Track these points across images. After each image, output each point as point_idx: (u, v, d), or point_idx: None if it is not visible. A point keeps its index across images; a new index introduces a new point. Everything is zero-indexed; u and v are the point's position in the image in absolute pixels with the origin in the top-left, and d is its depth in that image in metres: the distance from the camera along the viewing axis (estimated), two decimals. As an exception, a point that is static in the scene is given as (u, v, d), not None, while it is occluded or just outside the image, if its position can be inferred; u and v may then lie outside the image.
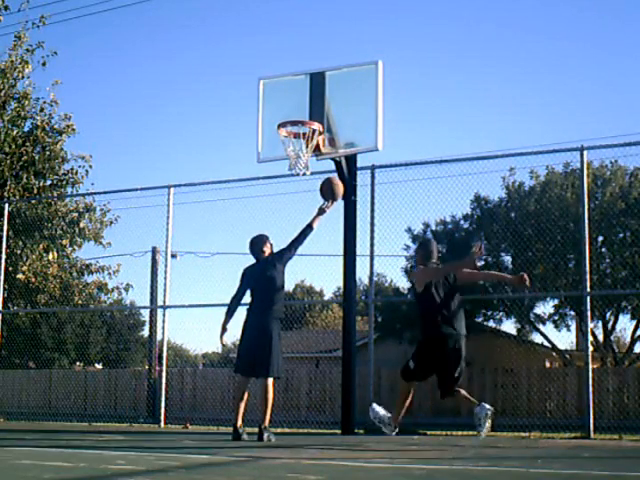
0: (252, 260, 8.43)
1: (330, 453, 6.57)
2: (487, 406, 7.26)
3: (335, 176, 9.18)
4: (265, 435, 7.91)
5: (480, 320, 23.74)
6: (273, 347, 7.96)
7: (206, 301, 11.85)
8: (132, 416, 15.76)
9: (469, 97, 77.42)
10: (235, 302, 8.41)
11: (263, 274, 8.19)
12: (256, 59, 76.86)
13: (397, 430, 7.87)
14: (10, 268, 16.05)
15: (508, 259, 21.93)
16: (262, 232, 8.51)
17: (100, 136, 71.11)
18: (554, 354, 24.78)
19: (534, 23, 71.03)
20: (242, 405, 8.13)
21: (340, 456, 6.23)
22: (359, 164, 9.92)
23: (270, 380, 7.96)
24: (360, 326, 14.06)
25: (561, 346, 24.78)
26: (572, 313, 22.75)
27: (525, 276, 7.44)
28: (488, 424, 7.18)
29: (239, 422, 8.09)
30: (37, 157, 17.87)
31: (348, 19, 77.04)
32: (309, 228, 8.36)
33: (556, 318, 23.13)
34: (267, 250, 8.38)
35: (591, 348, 9.70)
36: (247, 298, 8.39)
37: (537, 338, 24.33)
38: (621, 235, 20.66)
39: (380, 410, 7.90)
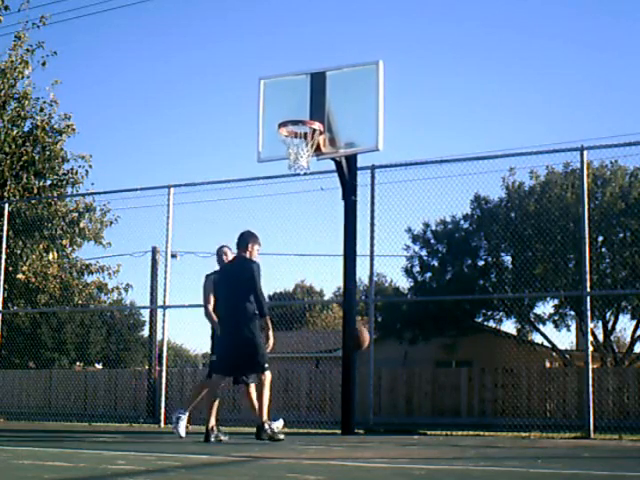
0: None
1: (330, 453, 6.56)
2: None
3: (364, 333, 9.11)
4: (267, 428, 7.73)
5: (480, 320, 23.73)
6: (257, 343, 7.81)
7: (206, 301, 11.82)
8: (132, 416, 15.74)
9: (469, 97, 77.42)
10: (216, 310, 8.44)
11: (233, 277, 8.05)
12: (256, 59, 76.84)
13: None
14: (10, 268, 16.05)
15: (508, 259, 21.93)
16: (258, 232, 8.40)
17: (100, 136, 71.06)
18: (554, 354, 24.77)
19: (534, 23, 71.05)
20: (216, 405, 8.04)
21: (340, 456, 6.23)
22: (359, 164, 9.92)
23: (267, 374, 7.81)
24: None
25: (561, 346, 24.78)
26: (572, 313, 22.73)
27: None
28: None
29: (212, 423, 7.98)
30: (37, 157, 17.87)
31: (348, 19, 77.05)
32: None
33: (556, 318, 23.12)
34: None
35: (591, 348, 9.70)
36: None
37: (537, 338, 24.34)
38: (621, 235, 20.64)
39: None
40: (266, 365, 7.80)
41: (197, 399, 8.88)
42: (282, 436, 7.88)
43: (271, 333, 7.85)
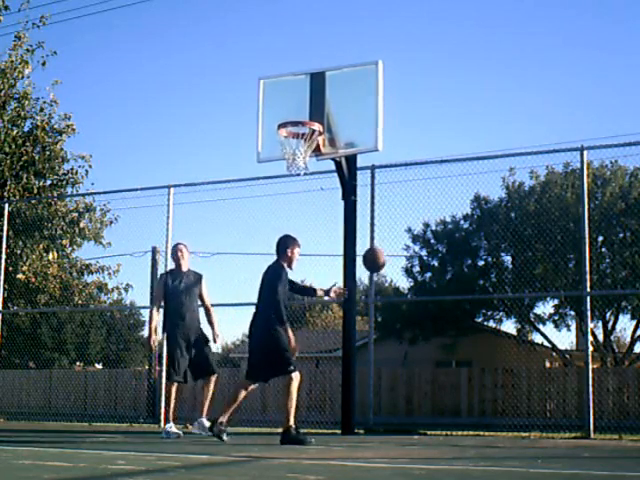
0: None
1: (330, 453, 6.56)
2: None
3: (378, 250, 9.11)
4: (292, 433, 7.58)
5: (480, 320, 23.73)
6: (277, 346, 7.74)
7: (206, 301, 11.82)
8: (132, 416, 15.75)
9: (469, 97, 77.40)
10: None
11: (261, 283, 8.09)
12: (256, 59, 76.80)
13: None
14: (10, 268, 16.05)
15: (508, 259, 21.94)
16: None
17: (100, 136, 70.99)
18: (554, 354, 24.78)
19: (534, 23, 71.05)
20: (235, 405, 8.06)
21: (340, 456, 6.23)
22: (359, 164, 9.92)
23: (294, 376, 7.68)
24: (360, 326, 14.05)
25: (561, 346, 24.78)
26: (572, 313, 22.73)
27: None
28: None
29: (223, 419, 7.97)
30: (37, 157, 17.88)
31: (348, 19, 77.02)
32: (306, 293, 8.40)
33: (556, 318, 23.12)
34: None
35: (591, 348, 9.69)
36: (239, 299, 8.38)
37: (537, 338, 24.35)
38: (621, 235, 20.65)
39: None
40: (290, 367, 7.69)
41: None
42: (312, 439, 7.65)
43: (292, 338, 7.81)
